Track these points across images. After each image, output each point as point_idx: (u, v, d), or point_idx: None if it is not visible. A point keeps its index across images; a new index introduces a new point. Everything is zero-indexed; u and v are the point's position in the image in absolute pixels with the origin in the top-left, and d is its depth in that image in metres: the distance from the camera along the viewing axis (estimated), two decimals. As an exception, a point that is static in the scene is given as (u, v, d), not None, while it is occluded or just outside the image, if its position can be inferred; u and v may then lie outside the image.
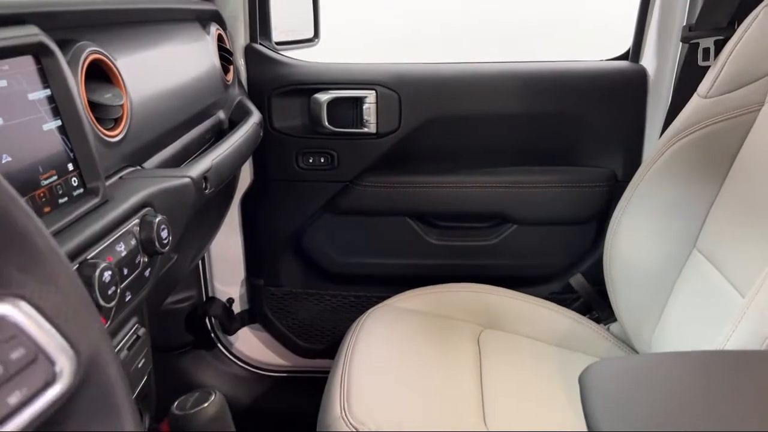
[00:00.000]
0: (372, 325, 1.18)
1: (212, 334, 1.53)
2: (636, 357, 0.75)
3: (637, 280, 1.19)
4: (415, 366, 1.07)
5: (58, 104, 0.66)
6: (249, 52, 1.36)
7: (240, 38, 1.35)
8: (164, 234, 0.73)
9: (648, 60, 1.33)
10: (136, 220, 0.71)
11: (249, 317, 1.54)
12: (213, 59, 1.18)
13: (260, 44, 1.38)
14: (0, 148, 0.57)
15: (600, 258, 1.22)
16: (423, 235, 1.44)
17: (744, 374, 0.65)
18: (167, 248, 0.74)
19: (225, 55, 1.22)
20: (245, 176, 1.41)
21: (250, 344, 1.57)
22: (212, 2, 1.28)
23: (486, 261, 1.43)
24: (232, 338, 1.55)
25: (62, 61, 0.67)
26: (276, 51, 1.41)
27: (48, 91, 0.65)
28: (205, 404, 0.69)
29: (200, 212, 0.99)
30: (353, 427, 0.92)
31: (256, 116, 1.23)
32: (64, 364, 0.33)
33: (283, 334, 1.54)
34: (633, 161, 1.33)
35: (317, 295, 1.50)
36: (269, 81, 1.36)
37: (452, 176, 1.39)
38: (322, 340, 1.53)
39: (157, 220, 0.73)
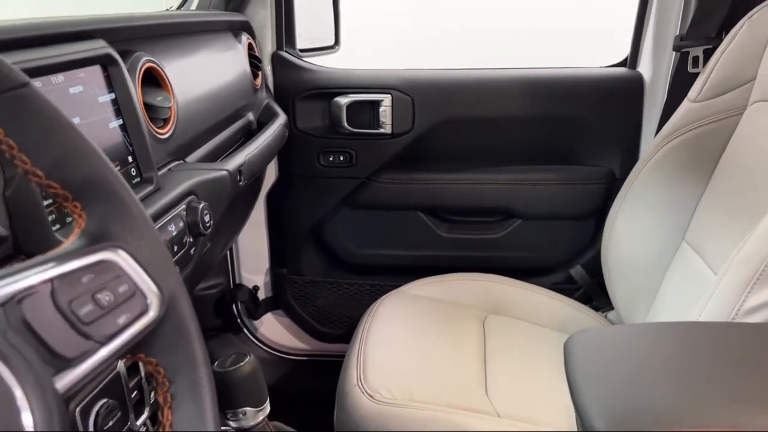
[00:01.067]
0: (385, 310, 1.28)
1: (239, 319, 1.65)
2: (614, 327, 0.84)
3: (631, 270, 1.28)
4: (424, 344, 1.17)
5: (121, 106, 0.78)
6: (275, 58, 1.48)
7: (267, 46, 1.46)
8: (207, 218, 0.84)
9: (644, 67, 1.42)
10: (183, 206, 0.82)
11: (273, 304, 1.65)
12: (244, 65, 1.29)
13: (286, 51, 1.49)
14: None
15: (599, 251, 1.31)
16: (434, 228, 1.54)
17: (708, 341, 0.74)
18: (209, 230, 0.85)
19: (254, 62, 1.33)
20: (271, 173, 1.52)
21: (274, 329, 1.68)
22: (243, 14, 1.39)
23: (492, 253, 1.53)
24: (257, 323, 1.67)
25: (124, 69, 0.79)
26: (300, 58, 1.52)
27: (113, 95, 0.77)
28: (242, 363, 0.80)
29: (230, 205, 1.10)
30: (368, 394, 1.02)
31: (282, 118, 1.34)
32: (153, 300, 0.44)
33: (304, 319, 1.65)
34: (630, 160, 1.42)
35: (336, 284, 1.61)
36: (294, 85, 1.47)
37: (461, 174, 1.49)
38: (340, 326, 1.63)
39: (201, 206, 0.84)
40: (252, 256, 1.62)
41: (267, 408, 0.84)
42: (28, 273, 0.38)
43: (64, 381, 0.37)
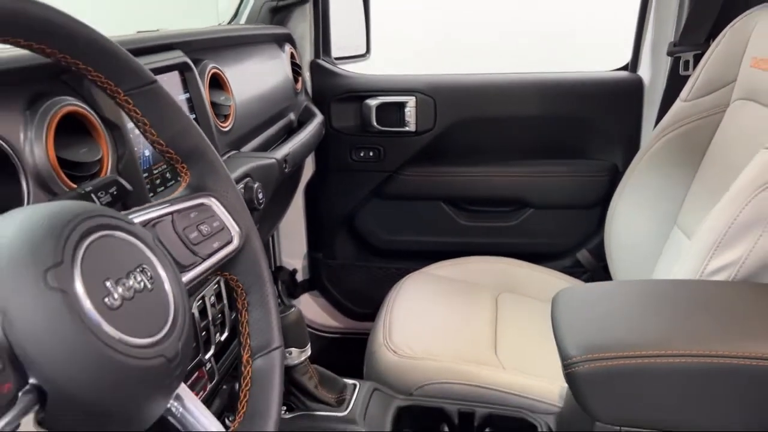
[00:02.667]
0: (409, 286, 1.45)
1: (279, 299, 1.83)
2: (593, 284, 0.96)
3: (630, 254, 1.41)
4: (442, 312, 1.33)
5: (194, 104, 0.96)
6: (313, 66, 1.66)
7: (307, 55, 1.65)
8: (260, 196, 1.02)
9: (644, 71, 1.56)
10: (241, 186, 1.00)
11: (309, 285, 1.83)
12: (287, 72, 1.47)
13: (322, 60, 1.67)
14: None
15: (604, 237, 1.45)
16: (454, 217, 1.70)
17: (671, 292, 0.89)
18: (262, 206, 1.02)
19: (295, 69, 1.52)
20: (309, 167, 1.70)
21: (310, 308, 1.85)
22: (286, 27, 1.58)
23: (507, 239, 1.68)
24: (295, 302, 1.84)
25: (196, 74, 0.97)
26: (335, 65, 1.70)
27: (188, 95, 0.95)
28: (288, 312, 0.98)
29: (274, 194, 1.26)
30: (392, 350, 1.18)
31: (319, 117, 1.52)
32: (235, 234, 0.62)
33: (337, 299, 1.82)
34: (631, 155, 1.54)
35: (365, 267, 1.78)
36: (329, 89, 1.65)
37: (479, 167, 1.65)
38: (369, 305, 1.79)
39: (255, 185, 1.01)
40: (291, 242, 1.80)
41: (308, 351, 1.01)
42: (157, 209, 0.56)
43: (183, 280, 0.54)
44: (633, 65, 1.58)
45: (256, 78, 1.27)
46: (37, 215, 0.42)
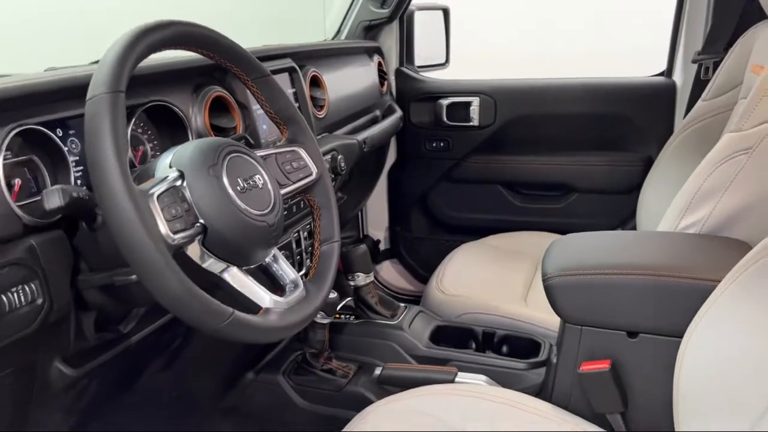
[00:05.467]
0: (465, 250, 1.73)
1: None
2: (586, 233, 1.18)
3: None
4: (486, 269, 1.60)
5: (298, 97, 1.32)
6: (398, 73, 1.99)
7: (393, 64, 1.98)
8: (342, 164, 1.36)
9: (677, 76, 1.76)
10: (328, 157, 1.34)
11: (389, 253, 2.16)
12: (374, 77, 1.81)
13: (406, 68, 2.00)
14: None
15: (637, 218, 1.66)
16: (510, 198, 1.97)
17: (645, 238, 1.13)
18: (343, 172, 1.36)
19: (382, 75, 1.86)
20: (391, 155, 2.04)
21: (389, 273, 2.18)
22: (376, 41, 1.93)
23: (554, 219, 1.92)
24: (377, 267, 2.18)
25: (300, 76, 1.33)
26: (416, 72, 2.02)
27: (294, 90, 1.31)
28: (357, 246, 1.31)
29: (361, 175, 1.57)
30: (441, 291, 1.48)
31: (398, 113, 1.85)
32: (313, 171, 0.95)
33: (412, 266, 2.13)
34: (664, 148, 1.76)
35: (435, 239, 2.08)
36: (409, 91, 1.98)
37: (531, 157, 1.91)
38: (438, 272, 2.10)
39: (339, 157, 1.35)
40: (376, 217, 2.14)
41: (372, 276, 1.34)
42: (267, 151, 0.91)
43: (281, 193, 0.89)
44: (668, 71, 1.78)
45: (347, 80, 1.62)
46: (206, 141, 0.78)
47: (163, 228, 0.67)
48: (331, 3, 1.98)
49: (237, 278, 0.77)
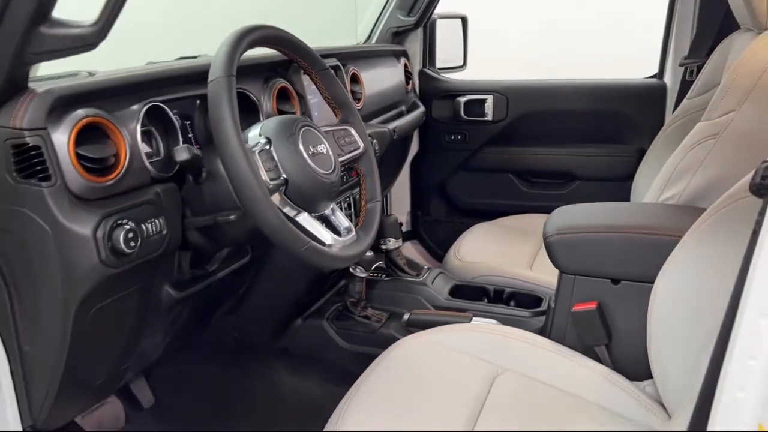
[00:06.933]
0: (479, 228, 1.94)
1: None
2: (579, 204, 1.40)
3: None
4: (497, 242, 1.81)
5: (341, 89, 1.55)
6: (421, 74, 2.22)
7: (417, 65, 2.21)
8: (377, 149, 1.58)
9: (667, 78, 1.97)
10: (366, 141, 1.57)
11: (411, 235, 2.38)
12: (401, 77, 2.04)
13: (428, 69, 2.23)
14: (326, 111, 1.46)
15: (631, 203, 1.87)
16: (519, 185, 2.18)
17: (632, 206, 1.34)
18: (378, 155, 1.58)
19: (407, 75, 2.08)
20: (414, 146, 2.26)
21: (410, 253, 2.39)
22: (402, 45, 2.15)
23: (558, 204, 2.11)
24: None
25: (343, 72, 1.56)
26: (437, 73, 2.24)
27: (338, 84, 1.54)
28: (389, 215, 1.53)
29: (388, 164, 1.78)
30: (458, 259, 1.70)
31: (421, 108, 2.07)
32: (360, 146, 1.18)
33: (431, 246, 2.35)
34: (656, 141, 1.96)
35: (452, 222, 2.30)
36: (431, 90, 2.20)
37: (539, 148, 2.13)
38: (454, 251, 2.31)
39: (374, 142, 1.58)
40: (399, 201, 2.36)
41: (400, 242, 1.56)
42: (326, 128, 1.14)
43: (339, 161, 1.11)
44: (660, 74, 2.00)
45: (379, 78, 1.85)
46: (286, 117, 1.01)
47: (263, 175, 0.90)
48: (362, 13, 2.21)
49: (308, 221, 0.99)
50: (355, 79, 1.65)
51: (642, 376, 1.14)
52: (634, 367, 1.15)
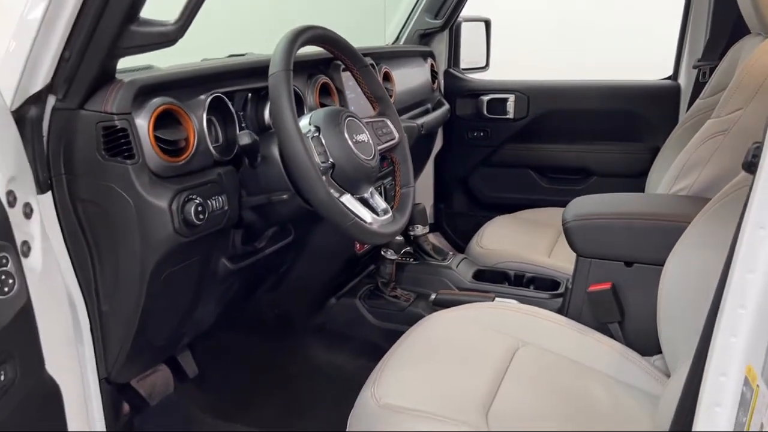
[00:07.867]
0: (499, 220, 2.03)
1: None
2: (596, 194, 1.48)
3: None
4: (516, 233, 1.89)
5: (374, 86, 1.65)
6: (446, 74, 2.31)
7: (442, 66, 2.31)
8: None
9: (682, 79, 2.05)
10: (396, 135, 1.67)
11: (434, 227, 2.47)
12: (427, 76, 2.13)
13: (453, 69, 2.32)
14: (361, 105, 1.56)
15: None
16: (538, 180, 2.27)
17: (648, 196, 1.42)
18: (407, 147, 1.68)
19: (434, 75, 2.18)
20: (438, 142, 2.35)
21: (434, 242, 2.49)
22: (429, 46, 2.25)
23: None
24: (423, 238, 2.49)
25: (376, 71, 1.66)
26: (462, 73, 2.34)
27: (372, 81, 1.65)
28: (418, 204, 1.63)
29: (413, 160, 1.85)
30: (481, 247, 1.80)
31: (446, 106, 2.17)
32: (396, 136, 1.29)
33: (453, 239, 2.45)
34: (670, 139, 2.04)
35: (474, 215, 2.39)
36: (456, 89, 2.30)
37: (558, 145, 2.21)
38: (476, 242, 2.41)
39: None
40: (424, 195, 2.45)
41: (427, 228, 1.66)
42: (365, 120, 1.24)
43: (378, 149, 1.22)
44: (674, 75, 2.08)
45: (408, 77, 1.95)
46: (333, 108, 1.12)
47: (316, 158, 1.01)
48: (391, 16, 2.32)
49: (350, 201, 1.10)
50: (387, 77, 1.75)
51: (652, 352, 1.23)
52: (645, 342, 1.23)
